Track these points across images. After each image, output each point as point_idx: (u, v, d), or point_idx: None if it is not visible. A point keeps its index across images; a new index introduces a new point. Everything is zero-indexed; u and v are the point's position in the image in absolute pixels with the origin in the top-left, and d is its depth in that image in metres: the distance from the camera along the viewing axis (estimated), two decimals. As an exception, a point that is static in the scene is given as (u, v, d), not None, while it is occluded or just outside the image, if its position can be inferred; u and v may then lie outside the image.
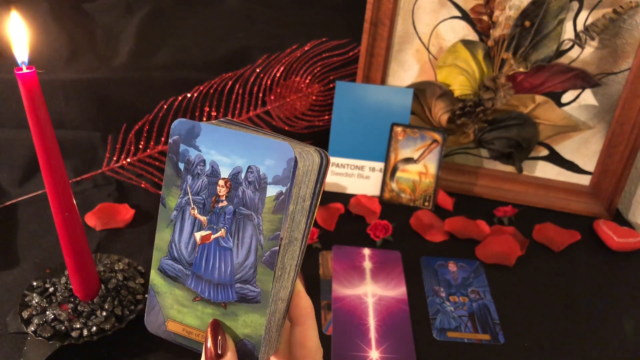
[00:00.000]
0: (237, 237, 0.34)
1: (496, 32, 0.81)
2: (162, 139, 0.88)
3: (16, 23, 0.45)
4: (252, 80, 0.91)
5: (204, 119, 0.89)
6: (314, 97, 0.95)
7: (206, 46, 0.94)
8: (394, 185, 0.86)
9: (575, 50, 0.80)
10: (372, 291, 0.69)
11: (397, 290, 0.69)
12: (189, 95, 0.88)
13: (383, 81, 0.87)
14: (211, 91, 0.89)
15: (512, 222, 0.83)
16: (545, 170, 0.88)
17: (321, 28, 0.95)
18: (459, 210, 0.85)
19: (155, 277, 0.36)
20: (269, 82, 0.91)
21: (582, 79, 0.81)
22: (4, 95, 0.88)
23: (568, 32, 0.79)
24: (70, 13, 0.91)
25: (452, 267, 0.74)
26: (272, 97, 0.92)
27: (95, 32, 0.93)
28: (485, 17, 0.81)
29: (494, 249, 0.76)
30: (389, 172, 0.86)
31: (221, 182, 0.34)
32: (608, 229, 0.80)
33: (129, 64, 0.91)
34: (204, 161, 0.34)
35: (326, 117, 0.95)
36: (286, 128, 0.93)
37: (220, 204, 0.34)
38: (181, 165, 0.35)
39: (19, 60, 0.45)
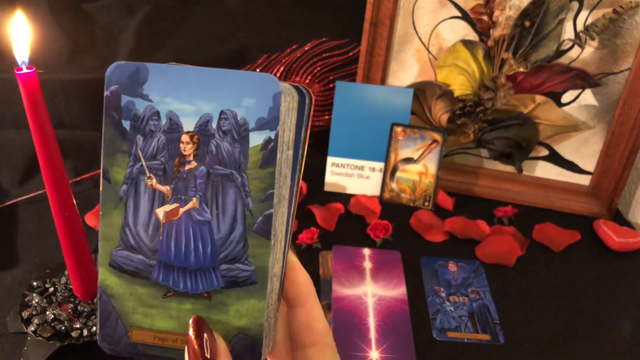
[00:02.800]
0: (215, 206, 0.27)
1: (496, 32, 0.81)
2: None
3: (20, 23, 0.45)
4: (252, 80, 0.91)
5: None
6: (313, 97, 0.95)
7: (206, 46, 0.94)
8: (394, 185, 0.86)
9: (575, 50, 0.80)
10: (372, 291, 0.69)
11: (397, 290, 0.69)
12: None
13: (383, 81, 0.87)
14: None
15: (512, 222, 0.83)
16: (545, 170, 0.88)
17: (321, 28, 0.95)
18: (459, 210, 0.85)
19: (106, 276, 0.28)
20: (269, 82, 0.91)
21: (582, 79, 0.81)
22: (4, 95, 0.88)
23: (568, 32, 0.79)
24: (71, 13, 0.92)
25: (452, 267, 0.74)
26: (272, 97, 0.92)
27: (95, 32, 0.93)
28: (485, 17, 0.81)
29: (494, 249, 0.76)
30: (389, 172, 0.86)
31: (185, 138, 0.27)
32: (608, 229, 0.80)
33: (129, 64, 0.91)
34: (157, 113, 0.27)
35: (326, 117, 0.95)
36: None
37: (188, 166, 0.27)
38: (126, 124, 0.27)
39: (19, 60, 0.45)
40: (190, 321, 0.28)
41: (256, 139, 0.26)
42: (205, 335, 0.27)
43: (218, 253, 0.28)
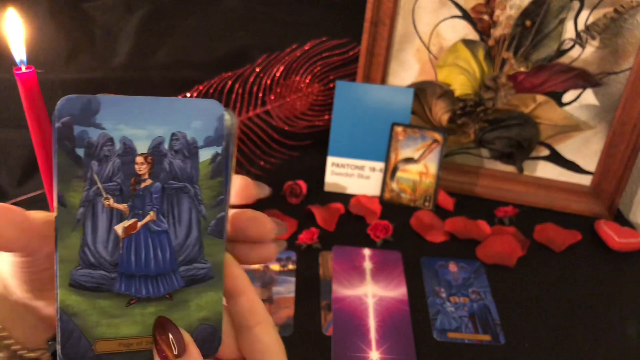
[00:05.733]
0: (172, 216, 0.30)
1: (497, 32, 0.81)
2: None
3: (13, 21, 0.45)
4: (251, 79, 0.91)
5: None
6: (313, 97, 0.95)
7: (206, 46, 0.94)
8: (394, 185, 0.86)
9: (576, 50, 0.80)
10: (372, 292, 0.68)
11: (397, 291, 0.69)
12: (188, 95, 0.88)
13: (383, 81, 0.87)
14: (211, 91, 0.89)
15: (512, 222, 0.83)
16: (546, 170, 0.88)
17: (321, 28, 0.95)
18: (460, 210, 0.85)
19: (67, 296, 0.29)
20: (268, 82, 0.91)
21: (583, 78, 0.81)
22: (3, 95, 0.87)
23: (569, 32, 0.79)
24: (70, 12, 0.91)
25: (452, 267, 0.74)
26: (272, 97, 0.92)
27: (95, 31, 0.93)
28: (485, 17, 0.81)
29: (494, 250, 0.76)
30: (389, 172, 0.86)
31: (139, 159, 0.29)
32: (609, 229, 0.80)
33: (128, 64, 0.91)
34: (111, 139, 0.29)
35: (326, 116, 0.95)
36: (286, 128, 0.93)
37: (144, 184, 0.30)
38: (79, 151, 0.28)
39: (18, 60, 0.45)
40: (155, 322, 0.30)
41: (205, 155, 0.30)
42: (169, 332, 0.29)
43: (177, 257, 0.30)
